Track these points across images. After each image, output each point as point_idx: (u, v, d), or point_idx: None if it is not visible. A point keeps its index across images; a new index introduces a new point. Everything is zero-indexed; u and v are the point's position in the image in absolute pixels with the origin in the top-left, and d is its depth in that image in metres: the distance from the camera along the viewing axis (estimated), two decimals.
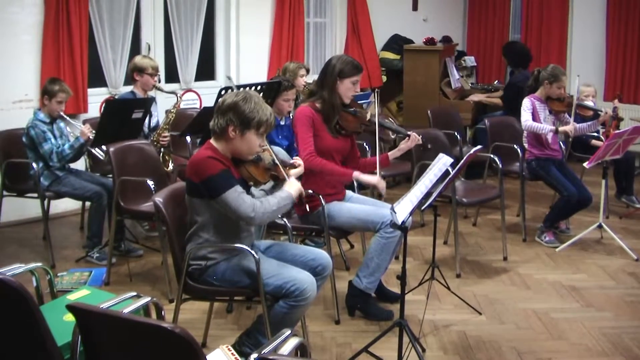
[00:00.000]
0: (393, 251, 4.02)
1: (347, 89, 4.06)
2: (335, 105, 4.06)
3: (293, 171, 3.45)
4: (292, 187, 3.30)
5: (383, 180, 4.07)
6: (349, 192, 4.26)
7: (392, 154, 4.25)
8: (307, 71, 6.05)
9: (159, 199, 3.27)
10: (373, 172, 4.10)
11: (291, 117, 5.16)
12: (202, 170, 3.10)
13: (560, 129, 5.29)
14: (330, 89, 4.04)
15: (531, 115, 5.37)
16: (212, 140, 3.24)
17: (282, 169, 3.38)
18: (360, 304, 4.11)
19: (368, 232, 4.22)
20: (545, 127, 5.32)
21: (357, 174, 4.05)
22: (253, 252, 3.14)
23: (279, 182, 3.39)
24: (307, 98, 4.19)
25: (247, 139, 3.17)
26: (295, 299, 3.13)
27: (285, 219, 3.88)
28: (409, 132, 4.18)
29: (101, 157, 4.99)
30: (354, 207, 4.06)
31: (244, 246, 3.19)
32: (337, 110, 4.06)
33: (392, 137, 4.40)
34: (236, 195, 3.07)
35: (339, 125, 4.08)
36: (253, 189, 3.37)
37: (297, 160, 3.57)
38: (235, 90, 3.35)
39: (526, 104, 5.42)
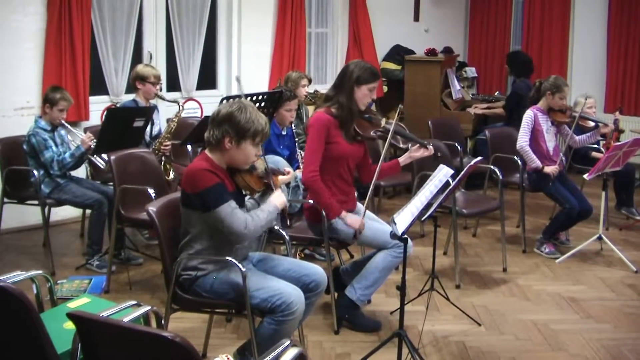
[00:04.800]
0: (393, 268, 4.01)
1: (364, 95, 3.98)
2: (353, 111, 3.97)
3: (281, 178, 3.45)
4: (278, 199, 3.28)
5: (362, 223, 3.92)
6: (359, 205, 4.18)
7: (403, 161, 4.15)
8: (309, 81, 6.03)
9: (152, 208, 3.25)
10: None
11: (293, 127, 5.17)
12: (197, 182, 3.07)
13: (545, 169, 5.30)
14: (347, 94, 3.96)
15: (530, 132, 5.37)
16: (207, 151, 3.21)
17: (274, 177, 3.38)
18: (348, 315, 4.07)
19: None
20: (536, 160, 5.31)
21: (343, 215, 3.93)
22: (240, 265, 3.08)
23: (269, 190, 3.36)
24: (322, 103, 4.10)
25: (243, 149, 3.15)
26: (282, 313, 3.06)
27: (283, 231, 3.80)
28: (427, 144, 4.06)
29: (102, 166, 5.00)
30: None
31: (230, 259, 3.13)
32: (354, 116, 3.99)
33: (403, 146, 4.27)
34: (230, 210, 3.04)
35: (355, 131, 4.02)
36: (246, 199, 3.37)
37: (287, 168, 3.57)
38: (230, 101, 3.32)
39: (528, 117, 5.40)
